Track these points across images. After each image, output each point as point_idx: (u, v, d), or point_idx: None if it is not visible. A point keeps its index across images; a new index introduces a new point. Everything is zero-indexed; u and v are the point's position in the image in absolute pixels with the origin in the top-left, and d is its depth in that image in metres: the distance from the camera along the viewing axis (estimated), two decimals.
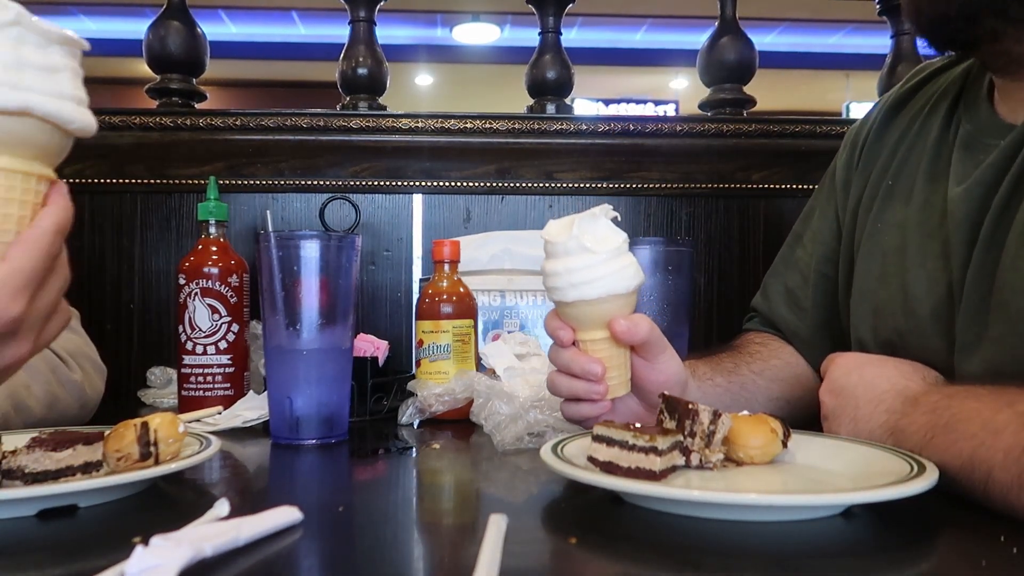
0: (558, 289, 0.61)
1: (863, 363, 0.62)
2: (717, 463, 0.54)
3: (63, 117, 0.45)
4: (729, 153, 1.20)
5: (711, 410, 0.54)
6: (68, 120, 0.45)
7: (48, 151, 0.46)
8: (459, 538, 0.48)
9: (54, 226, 0.47)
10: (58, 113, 0.45)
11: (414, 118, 1.17)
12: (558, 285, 0.61)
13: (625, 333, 0.61)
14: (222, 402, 0.86)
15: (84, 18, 4.85)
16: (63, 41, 0.45)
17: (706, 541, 0.43)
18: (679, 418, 0.54)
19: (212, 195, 0.91)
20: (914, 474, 0.47)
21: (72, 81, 0.46)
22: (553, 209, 1.21)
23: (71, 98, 0.45)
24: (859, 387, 0.60)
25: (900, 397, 0.57)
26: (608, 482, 0.48)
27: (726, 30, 1.23)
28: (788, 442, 0.56)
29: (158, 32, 1.16)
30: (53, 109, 0.44)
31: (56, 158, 0.48)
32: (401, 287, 1.18)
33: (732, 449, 0.55)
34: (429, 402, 0.82)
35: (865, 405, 0.59)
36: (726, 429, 0.54)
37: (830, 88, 6.00)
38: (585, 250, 0.59)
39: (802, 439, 0.58)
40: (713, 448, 0.54)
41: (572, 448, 0.55)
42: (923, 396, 0.56)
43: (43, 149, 0.46)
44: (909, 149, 0.71)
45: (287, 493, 0.62)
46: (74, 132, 0.46)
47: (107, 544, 0.44)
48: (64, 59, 0.45)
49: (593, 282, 0.59)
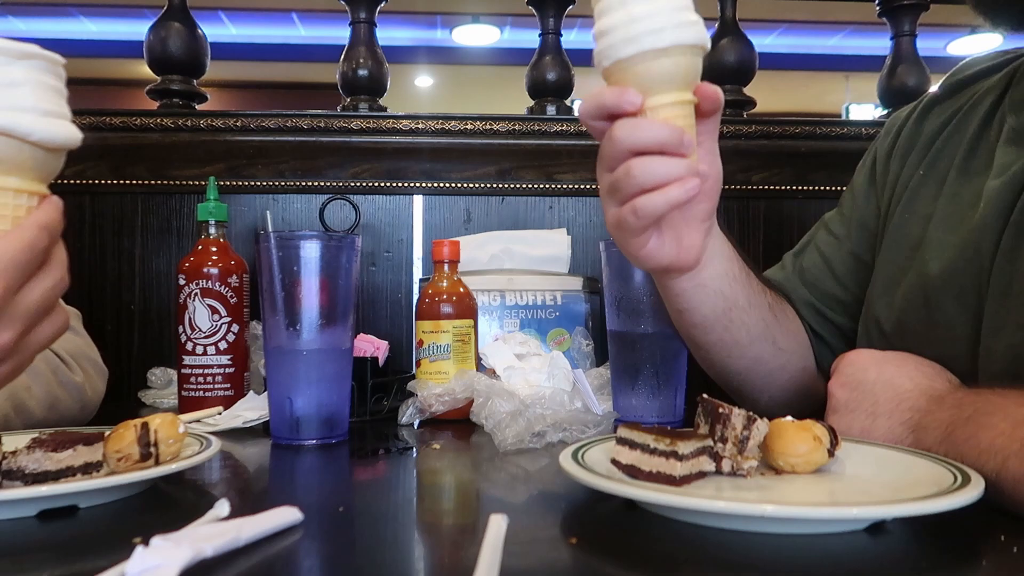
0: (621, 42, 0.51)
1: (882, 361, 0.61)
2: (750, 471, 0.50)
3: (18, 129, 0.45)
4: (729, 154, 1.18)
5: (745, 414, 0.51)
6: (25, 132, 0.45)
7: (21, 165, 0.46)
8: (459, 538, 0.48)
9: (38, 221, 0.47)
10: (10, 125, 0.45)
11: (414, 119, 1.17)
12: (621, 37, 0.51)
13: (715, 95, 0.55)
14: (222, 402, 0.86)
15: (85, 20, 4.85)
16: (24, 56, 0.46)
17: (711, 548, 0.42)
18: (711, 422, 0.52)
19: (212, 196, 0.91)
20: (957, 485, 0.43)
21: (35, 93, 0.46)
22: (553, 210, 1.21)
23: (30, 110, 0.45)
24: (878, 384, 0.59)
25: (925, 395, 0.56)
26: (624, 490, 0.45)
27: (726, 31, 1.23)
28: (836, 451, 0.52)
29: (159, 33, 1.16)
30: (4, 121, 0.44)
31: (39, 172, 0.47)
32: (401, 288, 1.18)
33: (772, 457, 0.52)
34: (429, 402, 0.82)
35: (886, 402, 0.58)
36: (761, 435, 0.51)
37: (830, 89, 6.01)
38: None
39: (855, 448, 0.54)
40: (746, 455, 0.50)
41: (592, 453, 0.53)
42: (949, 394, 0.55)
43: (14, 163, 0.46)
44: (945, 141, 0.71)
45: (287, 493, 0.62)
46: (40, 144, 0.46)
47: (107, 544, 0.44)
48: (27, 73, 0.46)
49: (663, 30, 0.51)
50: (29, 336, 0.48)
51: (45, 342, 0.50)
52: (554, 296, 1.05)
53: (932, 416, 0.54)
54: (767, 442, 0.52)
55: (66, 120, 0.48)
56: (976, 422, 0.50)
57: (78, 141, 0.48)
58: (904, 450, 0.54)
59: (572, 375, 0.83)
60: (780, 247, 0.89)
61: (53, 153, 0.47)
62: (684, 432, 0.50)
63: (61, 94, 0.48)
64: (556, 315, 1.05)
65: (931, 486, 0.44)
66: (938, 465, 0.49)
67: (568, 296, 1.06)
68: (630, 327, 0.80)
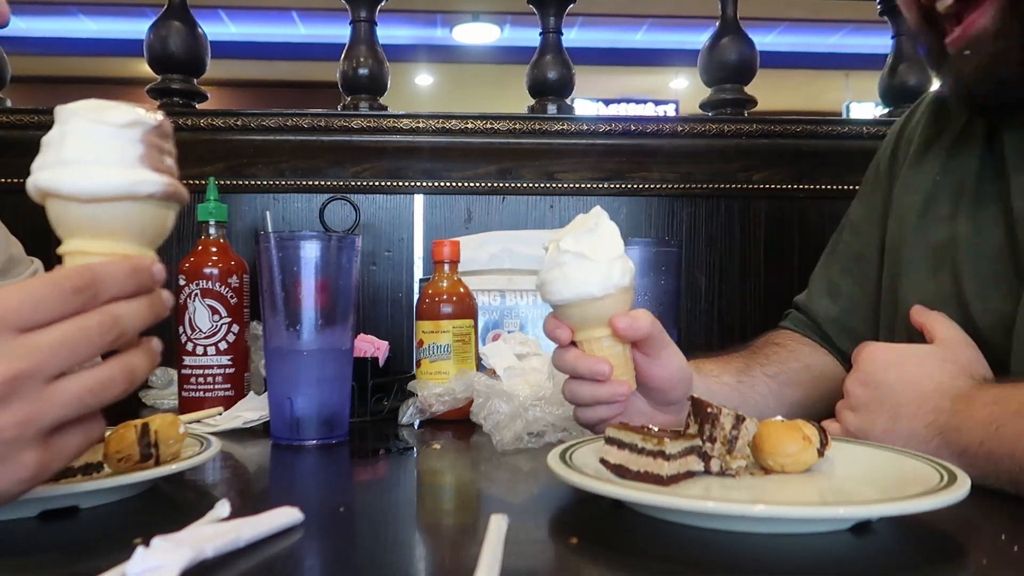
0: (553, 291, 0.60)
1: (902, 358, 0.60)
2: (739, 470, 0.51)
3: (49, 187, 0.41)
4: (730, 153, 1.20)
5: (734, 414, 0.51)
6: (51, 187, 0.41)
7: (70, 225, 0.42)
8: (460, 538, 0.48)
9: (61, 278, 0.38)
10: (50, 184, 0.41)
11: (415, 118, 1.17)
12: (551, 288, 0.60)
13: (627, 330, 0.60)
14: (222, 403, 0.86)
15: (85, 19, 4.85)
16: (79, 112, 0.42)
17: (709, 548, 0.43)
18: (700, 422, 0.52)
19: (212, 196, 0.91)
20: (943, 485, 0.43)
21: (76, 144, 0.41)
22: (554, 209, 1.21)
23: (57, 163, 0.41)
24: (899, 385, 0.58)
25: (948, 396, 0.56)
26: (608, 489, 0.45)
27: (727, 30, 1.23)
28: (826, 451, 0.52)
29: (159, 32, 1.16)
30: (41, 181, 0.41)
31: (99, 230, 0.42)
32: (402, 287, 1.18)
33: (762, 457, 0.52)
34: (429, 402, 0.82)
35: (907, 404, 0.57)
36: (750, 435, 0.51)
37: (830, 88, 6.00)
38: (579, 255, 0.59)
39: (845, 447, 0.54)
40: (735, 454, 0.51)
41: (581, 453, 0.53)
42: (978, 392, 0.55)
43: (66, 225, 0.42)
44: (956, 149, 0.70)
45: (288, 494, 0.62)
46: (73, 197, 0.41)
47: (108, 545, 0.44)
48: (76, 125, 0.41)
49: (588, 281, 0.59)
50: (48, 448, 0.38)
51: (67, 459, 0.40)
52: None
53: (963, 416, 0.53)
54: (756, 442, 0.52)
55: (120, 167, 0.42)
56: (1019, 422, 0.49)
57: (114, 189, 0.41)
58: (893, 450, 0.54)
59: None
60: (781, 245, 0.90)
61: (105, 206, 0.41)
62: (672, 432, 0.50)
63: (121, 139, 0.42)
64: None
65: (918, 485, 0.44)
66: (926, 465, 0.49)
67: None
68: None
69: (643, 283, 0.85)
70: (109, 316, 0.40)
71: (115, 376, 0.40)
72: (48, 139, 0.42)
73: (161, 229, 0.45)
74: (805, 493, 0.50)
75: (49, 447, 0.39)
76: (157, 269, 0.43)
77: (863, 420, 0.59)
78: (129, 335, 0.41)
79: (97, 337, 0.39)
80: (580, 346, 0.62)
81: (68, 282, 0.39)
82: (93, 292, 0.39)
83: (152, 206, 0.43)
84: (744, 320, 1.19)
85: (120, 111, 0.42)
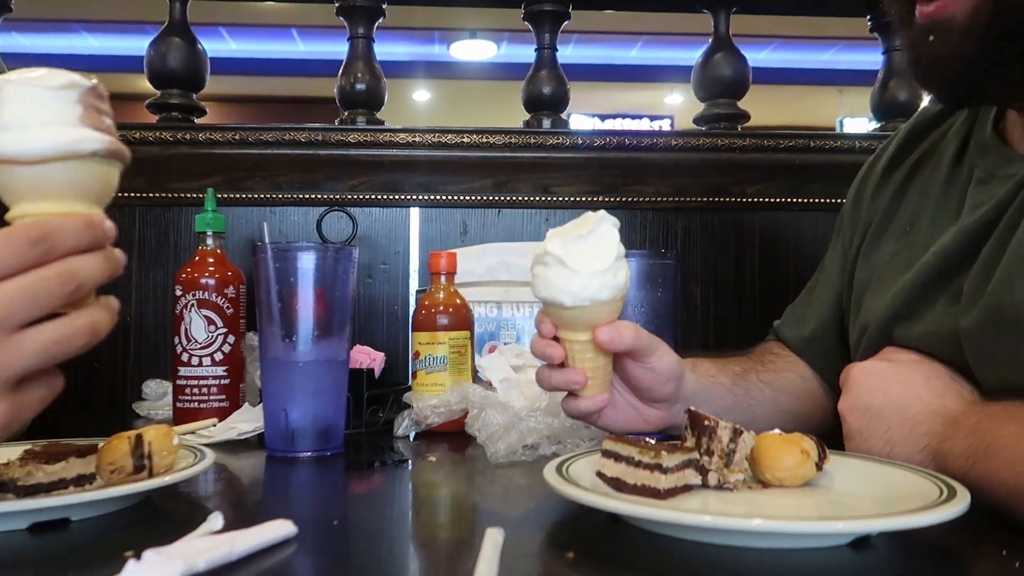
0: (533, 286, 0.61)
1: (887, 379, 0.60)
2: (737, 484, 0.51)
3: None
4: (724, 167, 1.21)
5: (731, 427, 0.51)
6: None
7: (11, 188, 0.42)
8: (455, 552, 0.48)
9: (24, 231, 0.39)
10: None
11: (412, 132, 1.18)
12: (532, 283, 0.61)
13: (608, 343, 0.61)
14: (217, 414, 0.85)
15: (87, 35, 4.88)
16: None
17: (707, 562, 0.42)
18: (697, 435, 0.52)
19: (210, 207, 0.91)
20: (942, 499, 0.43)
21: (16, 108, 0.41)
22: (549, 223, 1.21)
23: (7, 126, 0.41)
24: (887, 408, 0.58)
25: (938, 418, 0.55)
26: (605, 503, 0.45)
27: (720, 47, 1.24)
28: (824, 465, 0.52)
29: (159, 49, 1.17)
30: None
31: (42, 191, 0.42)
32: (398, 299, 1.18)
33: (760, 470, 0.52)
34: (425, 414, 0.81)
35: (898, 427, 0.57)
36: (747, 448, 0.51)
37: (823, 104, 6.06)
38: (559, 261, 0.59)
39: (844, 461, 0.54)
40: (733, 468, 0.50)
41: (577, 466, 0.53)
42: (963, 417, 0.54)
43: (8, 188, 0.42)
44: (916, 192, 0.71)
45: (281, 506, 0.62)
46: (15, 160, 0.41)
47: (99, 558, 0.43)
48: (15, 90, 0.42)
49: (562, 289, 0.59)
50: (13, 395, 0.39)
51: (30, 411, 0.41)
52: None
53: (950, 443, 0.53)
54: (754, 455, 0.52)
55: (60, 126, 0.42)
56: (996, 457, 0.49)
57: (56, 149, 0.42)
58: (893, 464, 0.54)
59: None
60: (775, 259, 0.90)
61: (49, 167, 0.42)
62: (670, 445, 0.50)
63: (60, 101, 0.43)
64: None
65: (917, 500, 0.44)
66: (926, 479, 0.48)
67: None
68: None
69: (639, 295, 0.85)
70: (67, 268, 0.41)
71: (79, 327, 0.41)
72: None
73: (107, 188, 0.46)
74: (803, 507, 0.50)
75: (16, 398, 0.39)
76: (108, 226, 0.44)
77: (860, 448, 0.59)
78: (87, 288, 0.42)
79: (57, 288, 0.40)
80: (562, 343, 0.63)
81: (24, 234, 0.39)
82: (50, 244, 0.40)
83: (95, 164, 0.44)
84: (739, 332, 1.19)
85: (55, 75, 0.43)
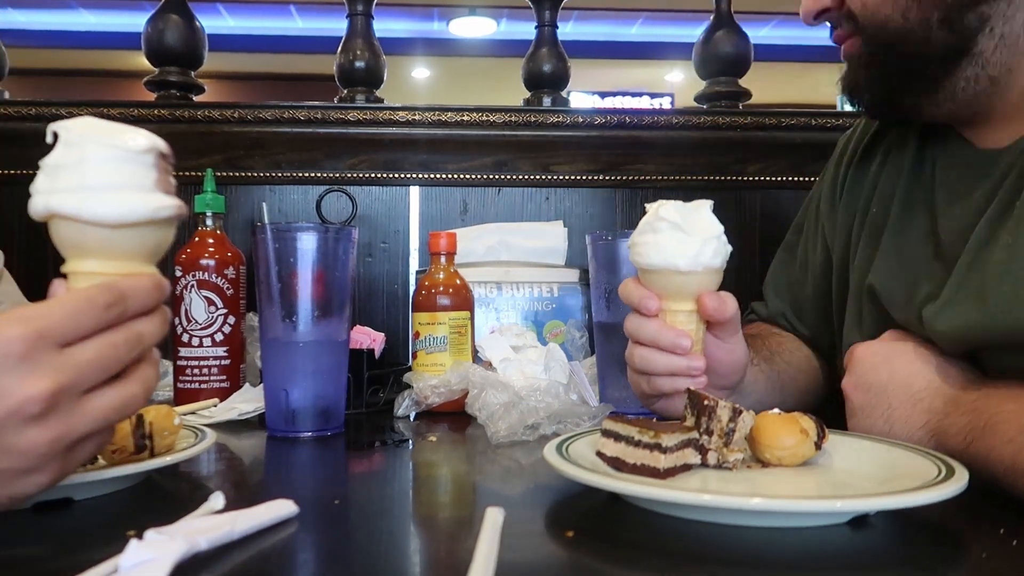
0: (642, 254, 0.61)
1: (891, 356, 0.60)
2: (736, 463, 0.51)
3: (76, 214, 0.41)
4: (725, 145, 1.20)
5: (731, 406, 0.51)
6: (73, 213, 0.41)
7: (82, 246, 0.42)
8: (456, 531, 0.48)
9: (89, 295, 0.39)
10: (59, 207, 0.41)
11: (411, 111, 1.17)
12: (641, 251, 0.61)
13: (715, 311, 0.61)
14: (218, 394, 0.85)
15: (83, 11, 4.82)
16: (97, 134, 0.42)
17: (706, 541, 0.43)
18: (697, 414, 0.52)
19: (209, 187, 0.90)
20: (941, 478, 0.43)
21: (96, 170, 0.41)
22: (550, 201, 1.20)
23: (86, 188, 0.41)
24: (891, 385, 0.58)
25: (940, 396, 0.56)
26: (605, 483, 0.46)
27: (721, 24, 1.22)
28: (823, 444, 0.52)
29: (157, 26, 1.15)
30: (54, 204, 0.41)
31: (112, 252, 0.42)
32: (398, 279, 1.18)
33: (759, 450, 0.52)
34: (425, 394, 0.82)
35: (900, 405, 0.57)
36: (747, 428, 0.51)
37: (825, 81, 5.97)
38: (675, 226, 0.60)
39: (843, 440, 0.54)
40: (732, 447, 0.51)
41: (577, 446, 0.53)
42: (963, 394, 0.55)
43: (76, 245, 0.42)
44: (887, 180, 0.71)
45: (282, 486, 0.62)
46: (93, 222, 0.41)
47: (101, 537, 0.44)
48: (96, 151, 0.42)
49: (678, 253, 0.60)
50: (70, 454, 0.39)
51: (83, 461, 0.42)
52: (551, 288, 1.05)
53: (949, 420, 0.54)
54: (754, 435, 0.52)
55: (139, 192, 0.42)
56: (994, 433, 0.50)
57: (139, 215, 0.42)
58: (892, 443, 0.54)
59: (569, 367, 0.83)
60: (775, 237, 0.90)
61: (124, 230, 0.42)
62: (669, 424, 0.50)
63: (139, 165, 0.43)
64: (553, 307, 1.05)
65: (916, 479, 0.44)
66: (924, 458, 0.49)
67: (565, 288, 1.05)
68: (618, 318, 0.80)
69: None
70: (134, 333, 0.41)
71: (136, 393, 0.42)
72: (58, 161, 0.42)
73: (165, 247, 0.46)
74: (802, 486, 0.50)
75: (69, 459, 0.40)
76: (166, 285, 0.44)
77: (862, 424, 0.60)
78: (148, 350, 0.43)
79: (124, 354, 0.41)
80: (661, 316, 0.62)
81: (102, 298, 0.40)
82: (123, 308, 0.40)
83: (164, 228, 0.45)
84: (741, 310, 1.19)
85: (135, 136, 0.43)
